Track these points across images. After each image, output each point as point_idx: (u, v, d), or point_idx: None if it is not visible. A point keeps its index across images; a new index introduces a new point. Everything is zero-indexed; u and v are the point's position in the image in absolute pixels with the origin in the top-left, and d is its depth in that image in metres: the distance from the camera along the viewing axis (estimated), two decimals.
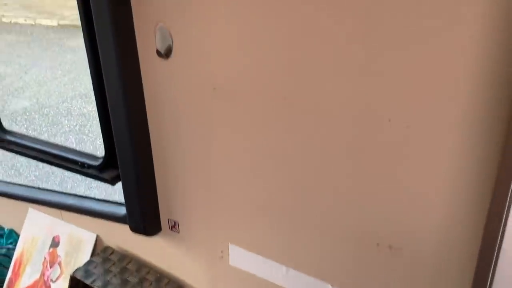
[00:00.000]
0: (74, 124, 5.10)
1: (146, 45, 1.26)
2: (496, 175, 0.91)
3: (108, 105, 1.35)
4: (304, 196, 1.18)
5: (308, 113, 1.08)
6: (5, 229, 2.07)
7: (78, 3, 1.34)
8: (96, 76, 1.42)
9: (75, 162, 1.64)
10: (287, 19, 1.02)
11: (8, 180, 4.21)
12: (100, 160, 1.58)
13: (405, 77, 0.94)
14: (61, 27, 9.07)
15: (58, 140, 4.75)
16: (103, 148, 1.56)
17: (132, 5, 1.23)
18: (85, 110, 5.43)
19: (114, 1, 1.20)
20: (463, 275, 1.03)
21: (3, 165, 4.40)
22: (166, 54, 1.23)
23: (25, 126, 5.10)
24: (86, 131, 4.93)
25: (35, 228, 1.91)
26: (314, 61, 1.03)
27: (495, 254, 0.95)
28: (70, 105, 5.58)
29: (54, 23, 9.25)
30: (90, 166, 1.60)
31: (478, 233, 0.97)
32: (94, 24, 1.25)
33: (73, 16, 9.22)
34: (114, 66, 1.27)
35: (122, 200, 1.53)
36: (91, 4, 1.23)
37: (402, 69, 0.94)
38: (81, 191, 4.04)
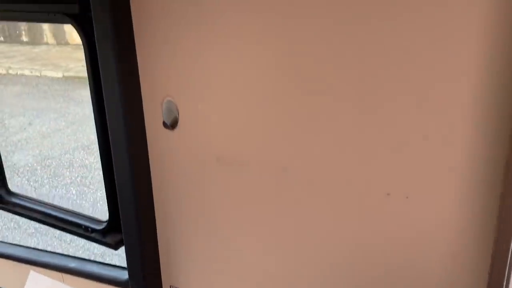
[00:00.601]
0: (76, 175, 5.13)
1: (153, 116, 1.32)
2: (497, 237, 0.93)
3: (114, 172, 1.38)
4: (307, 267, 1.19)
5: (307, 186, 1.12)
6: None
7: (89, 78, 1.41)
8: (103, 144, 1.46)
9: (78, 225, 1.66)
10: (288, 97, 1.08)
11: (7, 232, 4.20)
12: (104, 224, 1.60)
13: (402, 152, 0.98)
14: (66, 78, 9.30)
15: (59, 192, 4.77)
16: (104, 201, 1.57)
17: (140, 79, 1.30)
18: (86, 161, 5.48)
19: (123, 75, 1.27)
20: None
21: (2, 217, 4.39)
22: (172, 125, 1.28)
23: (26, 177, 5.13)
24: (87, 183, 4.95)
25: None
26: (314, 138, 1.07)
27: None
28: (72, 157, 5.64)
29: (59, 74, 9.49)
30: (93, 230, 1.61)
31: None
32: (104, 95, 1.30)
33: (78, 68, 9.47)
34: (121, 136, 1.31)
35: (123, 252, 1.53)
36: (101, 78, 1.29)
37: (399, 145, 0.98)
38: (81, 243, 4.01)
